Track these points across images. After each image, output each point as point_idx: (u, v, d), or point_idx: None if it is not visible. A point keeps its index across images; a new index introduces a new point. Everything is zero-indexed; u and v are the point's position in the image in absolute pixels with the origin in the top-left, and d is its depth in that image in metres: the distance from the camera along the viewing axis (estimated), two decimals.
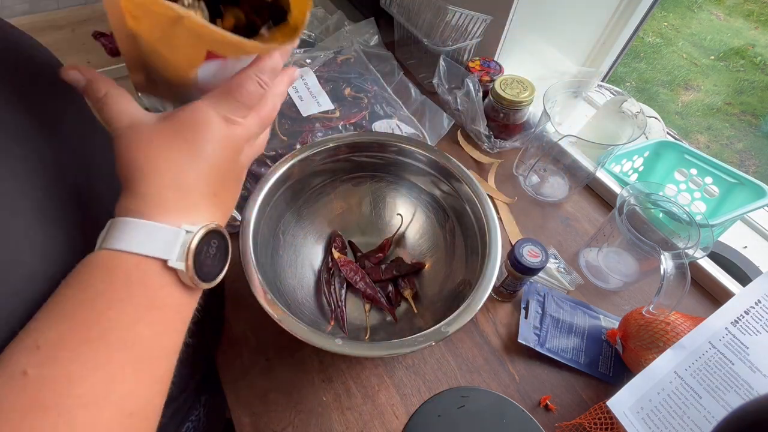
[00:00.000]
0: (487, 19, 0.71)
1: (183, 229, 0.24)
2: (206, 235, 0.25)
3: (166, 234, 0.24)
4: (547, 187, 0.67)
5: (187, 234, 0.25)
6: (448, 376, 0.49)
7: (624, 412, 0.40)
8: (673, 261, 0.43)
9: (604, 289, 0.57)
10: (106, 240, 0.24)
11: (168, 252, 0.24)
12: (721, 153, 1.84)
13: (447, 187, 0.52)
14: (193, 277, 0.25)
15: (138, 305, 0.23)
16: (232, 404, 0.45)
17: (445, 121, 0.72)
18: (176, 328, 0.26)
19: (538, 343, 0.50)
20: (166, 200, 0.25)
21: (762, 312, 0.41)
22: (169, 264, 0.24)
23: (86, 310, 0.22)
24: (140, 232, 0.24)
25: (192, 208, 0.26)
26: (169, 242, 0.24)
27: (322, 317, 0.50)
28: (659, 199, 0.51)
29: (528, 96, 0.66)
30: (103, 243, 0.24)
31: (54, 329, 0.21)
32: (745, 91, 2.04)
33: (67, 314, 0.22)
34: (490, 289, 0.41)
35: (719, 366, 0.40)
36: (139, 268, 0.23)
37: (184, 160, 0.25)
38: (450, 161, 0.51)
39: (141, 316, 0.23)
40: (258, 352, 0.49)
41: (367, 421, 0.45)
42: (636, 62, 2.20)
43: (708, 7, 2.40)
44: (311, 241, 0.55)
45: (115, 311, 0.22)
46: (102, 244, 0.24)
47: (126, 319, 0.23)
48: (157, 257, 0.24)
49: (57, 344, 0.21)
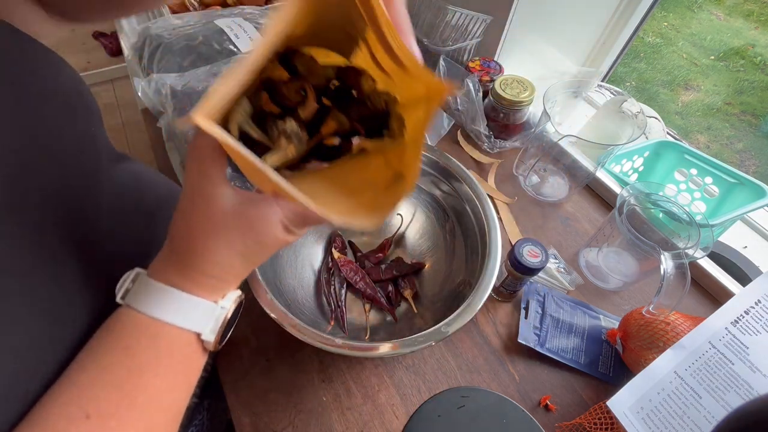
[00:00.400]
0: (487, 19, 0.71)
1: (219, 306, 0.27)
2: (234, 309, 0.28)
3: (206, 309, 0.26)
4: (547, 187, 0.67)
5: (222, 309, 0.27)
6: (448, 376, 0.49)
7: (624, 412, 0.40)
8: (673, 261, 0.43)
9: (604, 289, 0.57)
10: (143, 304, 0.25)
11: (204, 326, 0.26)
12: (721, 153, 1.84)
13: (447, 187, 0.52)
14: (217, 345, 0.27)
15: (177, 372, 0.26)
16: (232, 404, 0.45)
17: (445, 121, 0.72)
18: (194, 383, 0.28)
19: (538, 343, 0.50)
20: (211, 281, 0.26)
21: (762, 312, 0.41)
22: (202, 337, 0.27)
23: (135, 377, 0.24)
24: (185, 305, 0.26)
25: (229, 287, 0.28)
26: (207, 317, 0.26)
27: (322, 317, 0.50)
28: (659, 199, 0.51)
29: (528, 96, 0.66)
30: (140, 306, 0.25)
31: (104, 399, 0.23)
32: (745, 91, 2.03)
33: (116, 383, 0.24)
34: (490, 289, 0.41)
35: (719, 366, 0.40)
36: (181, 339, 0.26)
37: (240, 254, 0.26)
38: (450, 161, 0.51)
39: (179, 382, 0.27)
40: (258, 353, 0.49)
41: (367, 421, 0.45)
42: (636, 62, 2.19)
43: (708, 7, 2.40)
44: (311, 241, 0.55)
45: (160, 379, 0.25)
46: (139, 306, 0.25)
47: (167, 386, 0.26)
48: (195, 331, 0.26)
49: (107, 414, 0.23)
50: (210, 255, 0.25)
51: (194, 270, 0.26)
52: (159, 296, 0.25)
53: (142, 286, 0.26)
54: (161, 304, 0.25)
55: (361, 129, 0.29)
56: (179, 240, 0.26)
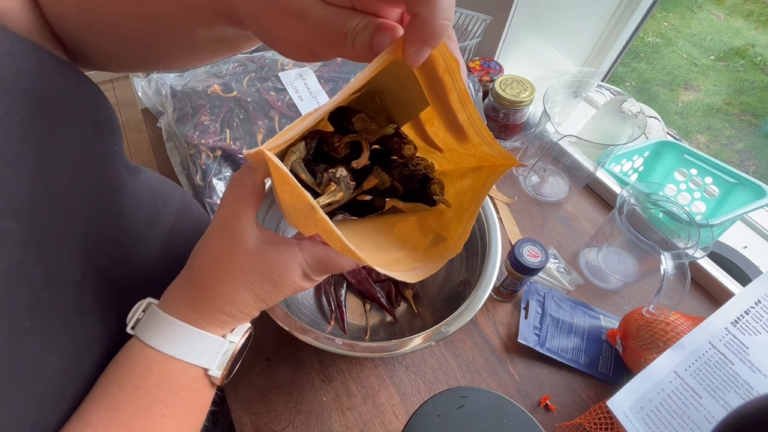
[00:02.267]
0: (487, 19, 0.71)
1: (227, 341, 0.27)
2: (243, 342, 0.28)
3: (214, 345, 0.26)
4: (547, 187, 0.67)
5: (230, 344, 0.27)
6: (448, 376, 0.49)
7: (624, 412, 0.40)
8: (673, 261, 0.43)
9: (604, 289, 0.57)
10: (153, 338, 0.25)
11: (212, 362, 0.26)
12: (721, 153, 1.84)
13: None
14: (224, 381, 0.28)
15: (186, 410, 0.26)
16: (232, 404, 0.45)
17: None
18: (203, 418, 0.29)
19: (538, 343, 0.50)
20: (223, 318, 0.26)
21: (762, 312, 0.41)
22: (210, 372, 0.27)
23: (144, 417, 0.24)
24: (195, 341, 0.26)
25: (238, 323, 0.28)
26: (215, 353, 0.26)
27: (322, 317, 0.50)
28: (659, 199, 0.51)
29: (528, 96, 0.66)
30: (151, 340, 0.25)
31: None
32: (745, 91, 2.03)
33: (126, 424, 0.24)
34: (490, 289, 0.41)
35: (719, 366, 0.40)
36: (188, 374, 0.26)
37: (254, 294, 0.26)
38: None
39: (188, 419, 0.27)
40: (258, 352, 0.49)
41: (367, 421, 0.45)
42: (636, 62, 2.19)
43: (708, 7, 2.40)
44: None
45: (169, 417, 0.25)
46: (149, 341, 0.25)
47: (175, 425, 0.26)
48: (204, 367, 0.26)
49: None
50: (227, 293, 0.25)
51: (208, 306, 0.26)
52: (169, 330, 0.25)
53: (152, 317, 0.26)
54: (171, 338, 0.25)
55: (401, 188, 0.31)
56: (198, 273, 0.26)
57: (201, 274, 0.26)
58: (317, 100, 0.63)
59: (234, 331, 0.28)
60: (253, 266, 0.25)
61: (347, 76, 0.68)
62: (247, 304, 0.26)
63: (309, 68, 0.67)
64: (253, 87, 0.63)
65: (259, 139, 0.58)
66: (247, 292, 0.25)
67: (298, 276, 0.26)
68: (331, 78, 0.67)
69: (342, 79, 0.67)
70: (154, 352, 0.25)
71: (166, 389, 0.25)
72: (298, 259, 0.26)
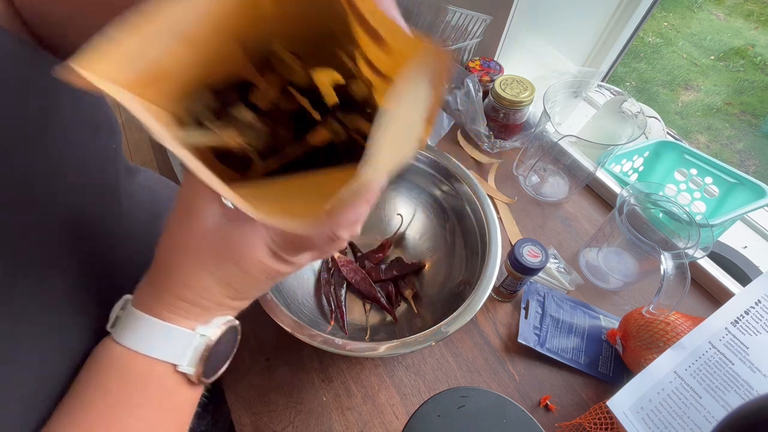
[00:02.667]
0: (487, 19, 0.71)
1: (197, 333, 0.24)
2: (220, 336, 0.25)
3: (181, 338, 0.24)
4: (547, 187, 0.67)
5: (201, 338, 0.24)
6: (448, 376, 0.49)
7: (624, 412, 0.40)
8: (673, 261, 0.43)
9: (604, 289, 0.57)
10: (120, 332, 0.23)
11: (180, 357, 0.24)
12: (721, 153, 1.84)
13: (447, 187, 0.52)
14: (201, 378, 0.25)
15: (157, 408, 0.24)
16: (232, 404, 0.45)
17: (445, 121, 0.72)
18: (185, 420, 0.26)
19: (538, 343, 0.50)
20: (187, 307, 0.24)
21: (762, 312, 0.41)
22: (179, 369, 0.24)
23: (105, 418, 0.22)
24: (156, 333, 0.23)
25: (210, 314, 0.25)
26: (182, 347, 0.24)
27: (322, 317, 0.50)
28: (659, 199, 0.51)
29: (528, 96, 0.66)
30: (117, 335, 0.23)
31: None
32: (745, 91, 2.03)
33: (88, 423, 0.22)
34: (490, 289, 0.41)
35: (719, 366, 0.40)
36: (154, 371, 0.23)
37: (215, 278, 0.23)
38: (450, 161, 0.51)
39: (161, 417, 0.24)
40: (258, 352, 0.49)
41: (367, 421, 0.45)
42: (636, 62, 2.19)
43: (708, 7, 2.40)
44: None
45: (134, 418, 0.23)
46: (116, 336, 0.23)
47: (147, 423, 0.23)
48: (169, 362, 0.23)
49: None
50: (185, 277, 0.23)
51: (168, 292, 0.23)
52: (134, 324, 0.23)
53: (125, 313, 0.24)
54: (135, 332, 0.23)
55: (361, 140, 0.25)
56: (158, 259, 0.24)
57: (160, 260, 0.24)
58: None
59: (209, 324, 0.25)
60: (211, 246, 0.22)
61: None
62: (209, 288, 0.23)
63: None
64: None
65: None
66: (205, 274, 0.23)
67: (264, 255, 0.23)
68: None
69: None
70: (118, 348, 0.23)
71: (129, 387, 0.23)
72: (261, 236, 0.22)
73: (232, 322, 0.26)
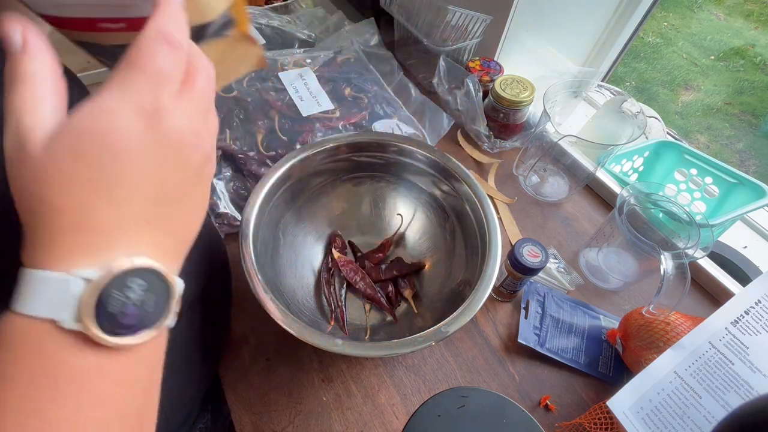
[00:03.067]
0: (487, 19, 0.71)
1: (76, 277, 0.18)
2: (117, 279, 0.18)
3: (52, 284, 0.18)
4: (547, 187, 0.67)
5: (83, 282, 0.18)
6: (448, 376, 0.49)
7: (624, 412, 0.40)
8: (673, 261, 0.43)
9: (604, 289, 0.57)
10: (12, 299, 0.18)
11: (57, 310, 0.18)
12: (721, 153, 1.84)
13: (447, 187, 0.52)
14: (100, 336, 0.18)
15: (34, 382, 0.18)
16: (232, 404, 0.45)
17: (445, 121, 0.72)
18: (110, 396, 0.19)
19: (538, 343, 0.50)
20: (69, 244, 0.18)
21: (762, 312, 0.41)
22: (61, 325, 0.18)
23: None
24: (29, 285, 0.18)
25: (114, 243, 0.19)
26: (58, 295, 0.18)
27: (322, 317, 0.50)
28: (659, 199, 0.51)
29: (528, 96, 0.66)
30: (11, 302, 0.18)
31: None
32: (745, 91, 2.04)
33: None
34: (490, 289, 0.41)
35: (719, 366, 0.40)
36: (31, 333, 0.18)
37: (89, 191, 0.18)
38: (450, 161, 0.51)
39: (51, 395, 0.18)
40: (258, 352, 0.49)
41: (367, 421, 0.45)
42: (636, 62, 2.20)
43: (708, 7, 2.40)
44: (311, 241, 0.55)
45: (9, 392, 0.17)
46: None
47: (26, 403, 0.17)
48: (45, 317, 0.18)
49: None
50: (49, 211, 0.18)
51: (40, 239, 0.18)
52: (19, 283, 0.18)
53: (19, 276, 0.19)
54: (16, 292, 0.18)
55: None
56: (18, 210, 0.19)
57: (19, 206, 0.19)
58: (317, 101, 0.63)
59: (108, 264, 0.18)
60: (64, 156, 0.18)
61: (347, 76, 0.68)
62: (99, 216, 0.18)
63: (309, 68, 0.67)
64: (252, 87, 0.63)
65: (259, 138, 0.58)
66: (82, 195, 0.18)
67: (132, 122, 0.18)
68: (331, 78, 0.67)
69: (342, 79, 0.67)
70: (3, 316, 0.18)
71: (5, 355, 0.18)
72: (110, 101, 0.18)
73: (146, 263, 0.19)
